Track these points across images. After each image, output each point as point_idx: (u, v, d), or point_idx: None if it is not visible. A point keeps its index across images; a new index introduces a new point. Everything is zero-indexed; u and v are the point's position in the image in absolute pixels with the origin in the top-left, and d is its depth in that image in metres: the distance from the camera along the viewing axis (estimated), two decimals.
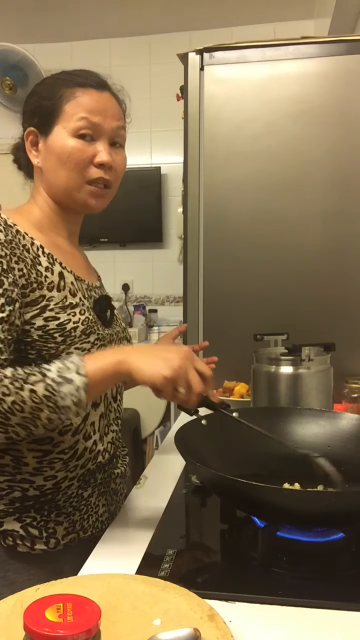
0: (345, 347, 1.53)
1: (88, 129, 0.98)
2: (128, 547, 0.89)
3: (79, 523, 1.00)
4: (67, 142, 0.98)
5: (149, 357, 0.85)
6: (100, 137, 1.00)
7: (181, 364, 0.84)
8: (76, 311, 0.97)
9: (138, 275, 4.16)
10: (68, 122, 0.98)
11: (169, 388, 0.84)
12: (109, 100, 1.02)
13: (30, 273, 0.93)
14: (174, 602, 0.69)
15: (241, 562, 0.84)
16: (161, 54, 3.91)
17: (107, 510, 1.06)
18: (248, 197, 1.80)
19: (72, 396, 0.82)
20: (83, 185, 1.00)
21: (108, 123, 1.00)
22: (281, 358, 1.33)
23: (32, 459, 0.96)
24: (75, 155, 0.98)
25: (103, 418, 1.04)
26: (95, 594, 0.64)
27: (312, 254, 1.78)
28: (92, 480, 1.03)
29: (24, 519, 0.96)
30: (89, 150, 0.99)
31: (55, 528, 0.97)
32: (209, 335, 1.84)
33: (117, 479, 1.10)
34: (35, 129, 1.01)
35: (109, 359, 0.86)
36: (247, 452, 0.98)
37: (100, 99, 1.00)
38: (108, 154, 1.00)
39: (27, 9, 3.56)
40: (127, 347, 0.94)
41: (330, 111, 1.74)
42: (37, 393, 0.81)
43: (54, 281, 0.96)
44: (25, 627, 0.52)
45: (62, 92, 1.00)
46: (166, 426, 3.63)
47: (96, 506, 1.04)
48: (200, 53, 1.78)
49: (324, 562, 0.83)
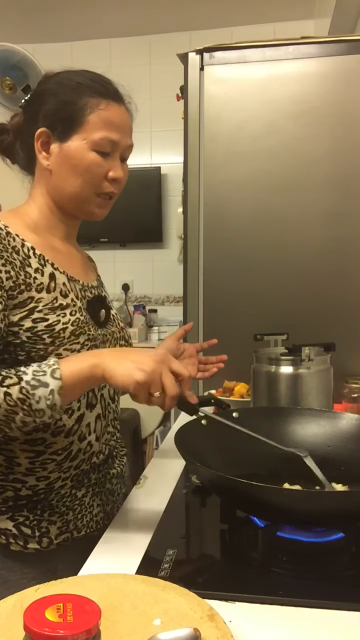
0: (345, 347, 1.53)
1: (109, 146, 1.00)
2: (128, 547, 0.89)
3: (73, 522, 1.00)
4: (86, 155, 0.99)
5: (123, 360, 0.84)
6: (115, 152, 1.01)
7: (155, 368, 0.83)
8: (66, 312, 0.97)
9: (138, 275, 4.16)
10: (89, 135, 0.99)
11: (142, 393, 0.83)
12: (126, 116, 1.03)
13: (19, 275, 0.92)
14: (174, 602, 0.69)
15: (241, 562, 0.84)
16: (161, 54, 3.91)
17: (103, 510, 1.06)
18: (248, 197, 1.80)
19: (47, 399, 0.82)
20: (94, 197, 1.02)
21: (124, 141, 1.02)
22: (281, 358, 1.33)
23: (24, 459, 0.96)
24: (93, 169, 0.99)
25: (100, 419, 1.04)
26: (95, 594, 0.64)
27: (312, 254, 1.78)
28: (86, 480, 1.03)
29: (17, 518, 0.96)
30: (105, 165, 1.00)
31: (48, 527, 0.97)
32: (209, 335, 1.83)
33: (113, 479, 1.10)
34: (49, 131, 1.00)
35: (84, 363, 0.85)
36: (247, 452, 0.98)
37: (121, 115, 1.02)
38: (121, 170, 1.02)
39: (27, 9, 3.56)
40: (103, 351, 0.93)
41: (330, 111, 1.74)
42: (12, 396, 0.81)
43: (44, 282, 0.96)
44: (25, 627, 0.52)
45: (86, 101, 0.99)
46: (166, 426, 3.63)
47: (90, 506, 1.03)
48: (200, 53, 1.78)
49: (324, 562, 0.83)
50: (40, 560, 0.97)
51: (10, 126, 1.07)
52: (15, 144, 1.07)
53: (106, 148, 1.00)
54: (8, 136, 1.07)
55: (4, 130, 1.07)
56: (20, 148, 1.06)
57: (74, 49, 3.98)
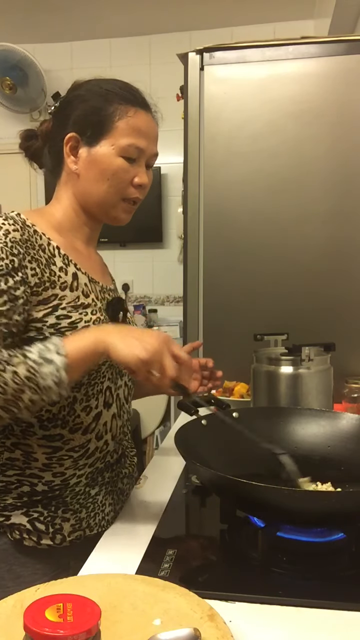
0: (345, 347, 1.53)
1: (135, 151, 1.02)
2: (128, 547, 0.89)
3: (86, 521, 1.01)
4: (114, 160, 1.01)
5: (127, 337, 0.86)
6: (141, 159, 1.03)
7: (157, 348, 0.85)
8: (88, 311, 0.99)
9: (138, 275, 4.16)
10: (117, 140, 1.01)
11: (142, 370, 0.85)
12: (152, 124, 1.06)
13: (44, 272, 0.95)
14: (174, 602, 0.69)
15: (241, 562, 0.84)
16: (161, 54, 3.90)
17: (113, 509, 1.07)
18: (248, 197, 1.80)
19: (53, 376, 0.83)
20: (119, 201, 1.04)
21: (151, 149, 1.04)
22: (281, 358, 1.33)
23: (41, 454, 0.97)
24: (119, 175, 1.01)
25: (116, 419, 1.06)
26: (95, 594, 0.64)
27: (312, 254, 1.78)
28: (100, 479, 1.04)
29: (31, 514, 0.97)
30: (132, 171, 1.02)
31: (61, 524, 0.98)
32: (209, 335, 1.84)
33: (124, 479, 1.11)
34: (78, 136, 1.03)
35: (88, 339, 0.87)
36: (247, 452, 0.98)
37: (148, 123, 1.04)
38: (146, 176, 1.04)
39: (27, 9, 3.56)
40: (107, 326, 0.96)
41: (330, 111, 1.74)
42: (19, 374, 0.82)
43: (67, 281, 0.98)
44: (25, 627, 0.52)
45: (115, 107, 1.01)
46: (166, 426, 3.63)
47: (103, 505, 1.04)
48: (200, 53, 1.78)
49: (324, 562, 0.83)
50: (53, 557, 0.99)
51: (40, 132, 1.10)
52: (43, 149, 1.10)
53: (133, 154, 1.02)
54: (37, 141, 1.10)
55: (32, 136, 1.10)
56: (48, 152, 1.09)
57: (74, 49, 3.98)
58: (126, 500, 1.11)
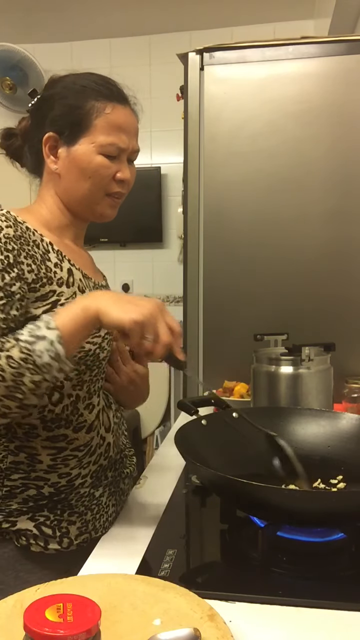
0: (345, 347, 1.53)
1: (115, 150, 1.01)
2: (128, 547, 0.89)
3: (91, 523, 1.00)
4: (94, 158, 1.00)
5: (119, 301, 0.86)
6: (122, 155, 1.03)
7: (152, 312, 0.85)
8: None
9: (138, 275, 4.16)
10: (96, 138, 1.00)
11: (136, 333, 0.84)
12: (131, 118, 1.05)
13: (40, 268, 0.95)
14: (174, 602, 0.69)
15: (241, 562, 0.84)
16: (161, 54, 3.90)
17: (116, 510, 1.07)
18: (248, 197, 1.80)
19: (49, 351, 0.82)
20: (103, 197, 1.03)
21: (132, 144, 1.04)
22: (281, 358, 1.33)
23: (46, 456, 0.97)
24: (100, 172, 1.01)
25: (115, 414, 1.07)
26: (95, 594, 0.64)
27: (312, 254, 1.78)
28: (104, 478, 1.04)
29: (37, 518, 0.96)
30: (113, 167, 1.02)
31: (68, 528, 0.98)
32: (209, 335, 1.84)
33: (125, 479, 1.11)
34: (57, 135, 1.01)
35: (76, 308, 0.86)
36: (247, 452, 0.98)
37: (127, 118, 1.03)
38: (129, 171, 1.04)
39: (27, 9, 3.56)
40: (96, 292, 0.94)
41: (330, 111, 1.74)
42: (14, 357, 0.81)
43: (63, 277, 0.98)
44: (25, 627, 0.52)
45: (92, 104, 1.00)
46: (166, 426, 3.63)
47: (107, 506, 1.04)
48: (200, 53, 1.78)
49: (324, 562, 0.83)
50: (60, 562, 0.97)
51: (19, 130, 1.08)
52: (23, 147, 1.08)
53: (113, 152, 1.01)
54: (17, 140, 1.09)
55: (12, 134, 1.09)
56: (28, 152, 1.07)
57: (74, 49, 3.98)
58: (126, 500, 1.11)
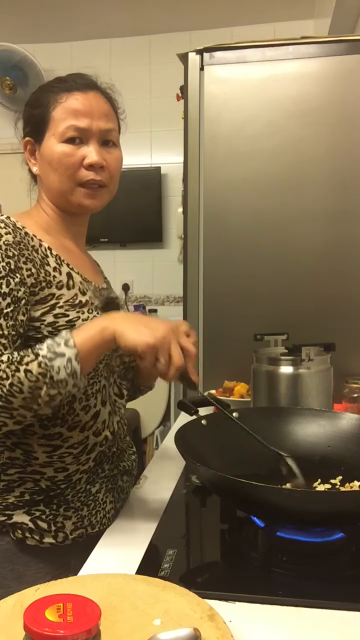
0: (345, 347, 1.52)
1: (75, 132, 1.00)
2: (128, 547, 0.89)
3: (87, 518, 1.01)
4: (55, 148, 1.00)
5: (135, 324, 0.88)
6: (90, 138, 1.01)
7: (166, 336, 0.87)
8: (85, 309, 1.00)
9: (138, 275, 4.16)
10: (56, 129, 1.00)
11: (150, 356, 0.87)
12: (95, 100, 1.02)
13: (39, 272, 0.96)
14: (174, 602, 0.69)
15: (241, 562, 0.84)
16: (161, 54, 3.90)
17: (114, 507, 1.07)
18: (248, 197, 1.80)
19: (66, 368, 0.86)
20: (75, 187, 1.02)
21: (95, 124, 1.01)
22: (281, 358, 1.33)
23: (42, 453, 0.98)
24: (64, 160, 1.00)
25: (112, 415, 1.08)
26: (96, 594, 0.64)
27: (312, 254, 1.78)
28: (100, 471, 1.04)
29: (33, 512, 0.97)
30: (78, 154, 1.00)
31: (63, 522, 0.99)
32: (209, 335, 1.83)
33: (124, 476, 1.11)
34: (31, 138, 1.05)
35: (95, 328, 0.89)
36: (247, 452, 0.98)
37: (86, 100, 1.01)
38: (98, 155, 1.00)
39: (27, 9, 3.56)
40: (114, 314, 0.96)
41: (330, 111, 1.74)
42: (33, 372, 0.84)
43: (63, 280, 0.99)
44: (25, 627, 0.52)
45: (49, 99, 1.01)
46: (166, 426, 3.63)
47: (104, 502, 1.05)
48: (200, 53, 1.78)
49: (324, 562, 0.83)
50: (55, 555, 0.99)
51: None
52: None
53: (74, 135, 1.00)
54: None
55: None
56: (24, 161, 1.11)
57: (74, 49, 3.98)
58: (126, 498, 1.11)
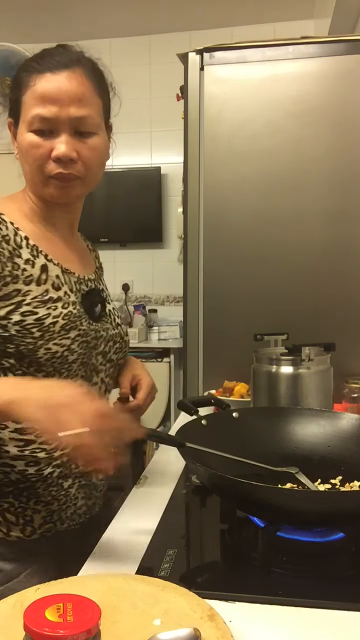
0: (345, 347, 1.52)
1: (40, 123, 0.91)
2: (128, 547, 0.89)
3: (57, 513, 0.99)
4: (25, 138, 0.93)
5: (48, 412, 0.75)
6: (59, 128, 0.91)
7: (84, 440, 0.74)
8: (58, 305, 0.94)
9: (138, 275, 4.16)
10: (25, 116, 0.93)
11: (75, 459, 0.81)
12: (67, 82, 0.91)
13: (5, 266, 0.90)
14: (174, 602, 0.69)
15: (241, 562, 0.84)
16: (161, 54, 3.91)
17: (86, 504, 1.05)
18: (248, 197, 1.80)
19: None
20: (47, 179, 0.94)
21: (65, 112, 0.91)
22: (281, 358, 1.33)
23: (13, 447, 0.95)
24: (32, 152, 0.93)
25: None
26: (96, 594, 0.64)
27: (313, 254, 1.78)
28: (74, 467, 1.00)
29: (2, 504, 0.95)
30: (46, 145, 0.92)
31: (32, 516, 0.97)
32: (209, 335, 1.83)
33: (99, 474, 1.07)
34: (12, 120, 0.98)
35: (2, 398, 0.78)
36: (247, 452, 0.98)
37: (56, 84, 0.91)
38: (67, 146, 0.91)
39: (27, 9, 3.56)
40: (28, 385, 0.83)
41: (330, 111, 1.74)
42: None
43: (34, 275, 0.93)
44: (25, 627, 0.52)
45: (22, 80, 0.93)
46: (166, 426, 3.63)
47: (75, 498, 1.02)
48: (200, 53, 1.78)
49: (324, 562, 0.83)
50: (22, 549, 0.97)
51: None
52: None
53: (42, 126, 0.91)
54: None
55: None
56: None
57: None
58: (100, 496, 1.09)
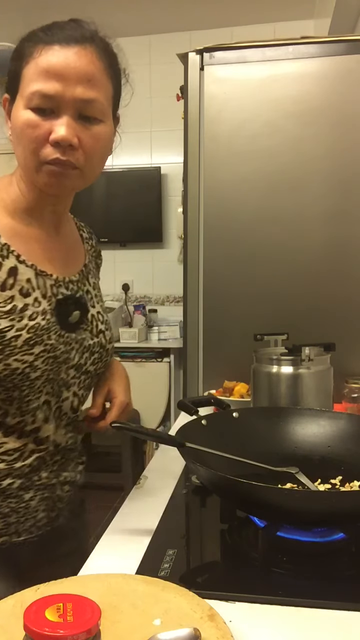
0: (345, 347, 1.53)
1: (40, 100, 0.80)
2: (128, 547, 0.89)
3: (14, 526, 0.93)
4: (21, 115, 0.81)
5: None
6: (61, 108, 0.80)
7: None
8: (24, 315, 0.84)
9: (138, 275, 4.16)
10: (24, 90, 0.81)
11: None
12: (78, 58, 0.80)
13: None
14: (174, 602, 0.69)
15: (241, 562, 0.84)
16: (161, 54, 3.91)
17: (47, 516, 0.99)
18: (248, 197, 1.80)
19: None
20: (41, 165, 0.83)
21: (70, 91, 0.79)
22: (281, 358, 1.33)
23: None
24: (27, 132, 0.81)
25: (60, 429, 0.97)
26: (96, 594, 0.64)
27: (312, 254, 1.78)
28: (37, 479, 0.94)
29: None
30: (44, 126, 0.80)
31: None
32: (209, 335, 1.83)
33: (64, 485, 1.01)
34: (9, 96, 0.86)
35: None
36: (247, 452, 0.98)
37: (64, 59, 0.79)
38: (67, 129, 0.80)
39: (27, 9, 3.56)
40: None
41: (330, 111, 1.74)
42: None
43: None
44: (25, 627, 0.52)
45: (25, 50, 0.82)
46: (166, 426, 3.63)
47: (36, 510, 0.96)
48: (200, 53, 1.78)
49: (324, 562, 0.83)
50: None
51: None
52: None
53: (41, 104, 0.80)
54: None
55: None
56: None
57: None
58: (64, 507, 1.03)
